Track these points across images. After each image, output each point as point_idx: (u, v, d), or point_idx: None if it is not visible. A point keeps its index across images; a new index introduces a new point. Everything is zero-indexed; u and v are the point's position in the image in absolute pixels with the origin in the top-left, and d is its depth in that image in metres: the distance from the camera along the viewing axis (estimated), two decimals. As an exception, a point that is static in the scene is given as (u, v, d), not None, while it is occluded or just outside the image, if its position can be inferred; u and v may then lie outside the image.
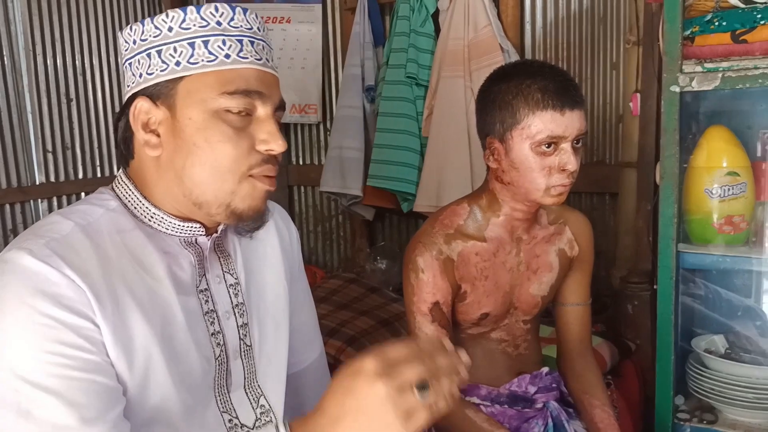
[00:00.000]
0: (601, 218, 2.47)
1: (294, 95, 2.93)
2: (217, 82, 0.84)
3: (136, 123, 0.86)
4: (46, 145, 2.65)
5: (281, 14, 2.90)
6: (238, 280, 0.96)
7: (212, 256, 0.93)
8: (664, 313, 1.65)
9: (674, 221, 1.62)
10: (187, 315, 0.87)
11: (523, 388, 1.37)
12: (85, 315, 0.76)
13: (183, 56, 0.84)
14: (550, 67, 1.22)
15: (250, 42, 0.86)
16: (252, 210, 0.87)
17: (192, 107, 0.84)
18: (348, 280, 2.56)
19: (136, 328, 0.81)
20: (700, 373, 1.74)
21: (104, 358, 0.78)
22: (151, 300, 0.83)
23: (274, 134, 0.86)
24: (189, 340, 0.86)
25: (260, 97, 0.85)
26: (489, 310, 1.32)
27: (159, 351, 0.82)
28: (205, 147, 0.83)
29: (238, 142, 0.84)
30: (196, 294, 0.90)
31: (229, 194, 0.85)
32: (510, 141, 1.20)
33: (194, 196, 0.85)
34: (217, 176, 0.84)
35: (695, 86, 1.56)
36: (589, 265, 1.43)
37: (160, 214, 0.88)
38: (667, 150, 1.60)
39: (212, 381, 0.90)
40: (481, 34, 2.32)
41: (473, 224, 1.30)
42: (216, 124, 0.83)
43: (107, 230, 0.84)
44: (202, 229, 0.89)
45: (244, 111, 0.85)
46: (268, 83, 0.87)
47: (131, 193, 0.88)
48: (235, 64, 0.84)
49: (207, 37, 0.84)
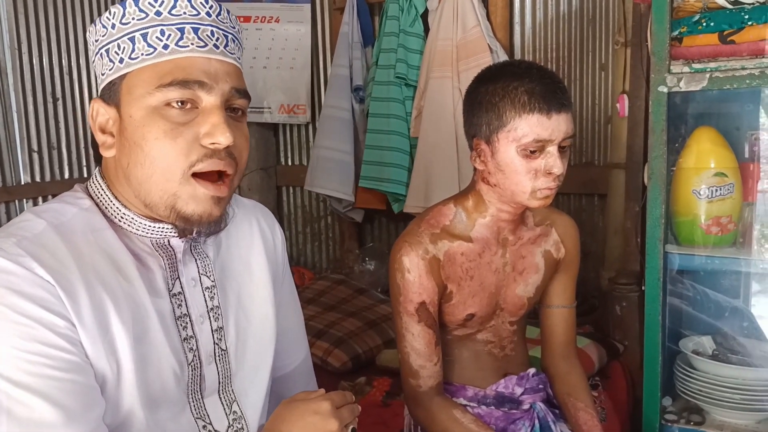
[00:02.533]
0: (590, 219, 2.47)
1: (283, 95, 2.91)
2: (154, 76, 0.80)
3: (94, 126, 0.85)
4: (31, 144, 2.62)
5: (270, 14, 2.88)
6: (214, 283, 0.93)
7: (188, 259, 0.90)
8: (651, 315, 1.65)
9: (662, 222, 1.62)
10: (161, 318, 0.85)
11: (509, 389, 1.36)
12: (60, 314, 0.75)
13: (125, 52, 0.82)
14: (538, 69, 1.20)
15: (193, 29, 0.82)
16: (200, 216, 0.82)
17: (132, 104, 0.81)
18: (336, 281, 2.55)
19: (112, 327, 0.79)
20: (687, 375, 1.74)
21: (83, 358, 0.76)
22: (125, 300, 0.82)
23: (217, 125, 0.80)
24: (163, 343, 0.85)
25: (203, 86, 0.81)
26: (475, 311, 1.31)
27: (130, 353, 0.80)
28: (143, 145, 0.80)
29: (176, 137, 0.80)
30: (169, 297, 0.87)
31: (172, 196, 0.81)
32: (496, 143, 1.19)
33: (142, 196, 0.83)
34: (157, 176, 0.81)
35: (683, 87, 1.56)
36: (575, 268, 1.42)
37: (130, 215, 0.85)
38: (654, 151, 1.60)
39: (186, 386, 0.88)
40: (469, 35, 2.31)
41: (459, 224, 1.29)
42: (154, 120, 0.80)
43: (81, 229, 0.82)
44: (174, 230, 0.86)
45: (186, 103, 0.81)
46: (215, 72, 0.82)
47: (103, 192, 0.86)
48: (173, 54, 0.80)
49: (145, 30, 0.81)
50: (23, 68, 2.57)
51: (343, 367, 2.03)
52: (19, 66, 2.55)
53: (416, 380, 1.28)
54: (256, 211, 1.07)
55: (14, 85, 2.55)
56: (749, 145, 1.77)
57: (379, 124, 2.56)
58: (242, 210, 1.03)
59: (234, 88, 0.84)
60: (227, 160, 0.82)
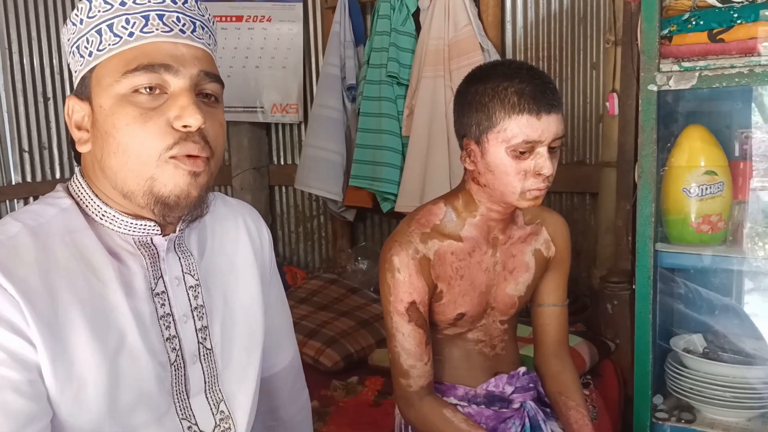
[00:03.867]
0: (582, 218, 2.47)
1: (275, 95, 2.90)
2: (120, 63, 0.79)
3: (71, 123, 0.85)
4: (22, 144, 2.62)
5: (262, 13, 2.88)
6: (198, 281, 0.92)
7: (171, 257, 0.89)
8: (642, 313, 1.65)
9: (652, 220, 1.62)
10: (138, 320, 0.83)
11: (500, 388, 1.36)
12: (14, 328, 0.73)
13: (93, 45, 0.81)
14: (528, 69, 1.20)
15: (158, 16, 0.81)
16: (177, 196, 0.80)
17: (101, 95, 0.80)
18: (329, 280, 2.55)
19: (77, 338, 0.77)
20: (678, 373, 1.74)
21: (28, 376, 0.74)
22: (97, 305, 0.80)
23: (186, 108, 0.79)
24: (140, 346, 0.83)
25: (169, 70, 0.80)
26: (465, 310, 1.31)
27: (103, 361, 0.79)
28: (114, 133, 0.79)
29: (146, 122, 0.78)
30: (151, 297, 0.86)
31: (149, 180, 0.79)
32: (486, 144, 1.19)
33: (119, 186, 0.82)
34: (131, 162, 0.79)
35: (672, 85, 1.56)
36: (566, 266, 1.42)
37: (111, 212, 0.84)
38: (644, 149, 1.61)
39: (170, 387, 0.87)
40: (461, 34, 2.31)
41: (450, 224, 1.29)
42: (123, 107, 0.79)
43: (59, 231, 0.81)
44: (156, 227, 0.85)
45: (155, 89, 0.80)
46: (181, 56, 0.81)
47: (83, 191, 0.85)
48: (138, 41, 0.80)
49: (111, 20, 0.80)
50: (14, 68, 2.56)
51: (335, 367, 2.03)
52: (9, 66, 2.55)
53: (407, 380, 1.28)
54: (242, 211, 1.05)
55: (4, 85, 2.55)
56: (739, 143, 1.77)
57: (371, 123, 2.56)
58: (228, 209, 1.02)
59: (203, 71, 0.83)
60: (201, 143, 0.81)
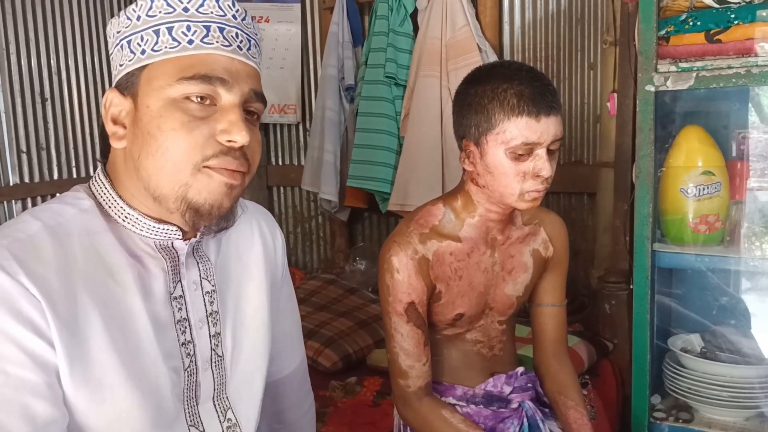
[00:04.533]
0: (579, 218, 2.47)
1: (273, 95, 2.90)
2: (176, 68, 0.79)
3: (107, 116, 0.84)
4: (20, 145, 2.60)
5: (260, 13, 2.88)
6: (215, 287, 0.91)
7: (190, 261, 0.88)
8: (639, 313, 1.66)
9: (649, 221, 1.62)
10: (155, 324, 0.83)
11: (498, 388, 1.36)
12: (36, 329, 0.72)
13: (148, 44, 0.81)
14: (528, 71, 1.20)
15: (219, 28, 0.82)
16: (210, 204, 0.81)
17: (150, 95, 0.80)
18: (327, 281, 2.55)
19: (95, 340, 0.77)
20: (676, 372, 1.75)
21: (46, 379, 0.73)
22: (115, 308, 0.80)
23: (235, 124, 0.80)
24: (156, 351, 0.83)
25: (224, 84, 0.80)
26: (464, 311, 1.31)
27: (119, 364, 0.79)
28: (157, 135, 0.79)
29: (192, 130, 0.78)
30: (170, 301, 0.86)
31: (184, 186, 0.79)
32: (485, 145, 1.19)
33: (151, 189, 0.81)
34: (169, 166, 0.79)
35: (670, 86, 1.57)
36: (564, 266, 1.42)
37: (135, 215, 0.83)
38: (642, 149, 1.61)
39: (181, 393, 0.87)
40: (458, 34, 2.32)
41: (448, 224, 1.29)
42: (171, 111, 0.79)
43: (77, 232, 0.80)
44: (178, 232, 0.85)
45: (206, 99, 0.80)
46: (236, 71, 0.82)
47: (107, 191, 0.85)
48: (198, 50, 0.80)
49: (172, 24, 0.81)
50: (11, 68, 2.55)
51: (334, 367, 2.03)
52: (7, 66, 2.54)
53: (405, 380, 1.28)
54: (257, 214, 1.05)
55: (2, 86, 2.53)
56: (736, 143, 1.78)
57: (369, 123, 2.56)
58: (243, 212, 1.02)
59: (253, 90, 0.84)
60: (241, 160, 0.81)
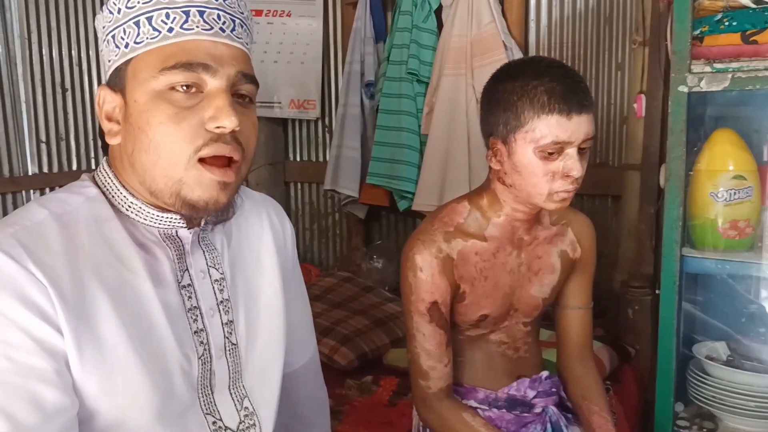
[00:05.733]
0: (603, 221, 2.44)
1: (293, 90, 2.89)
2: (158, 59, 0.78)
3: (101, 113, 0.83)
4: (39, 135, 2.61)
5: (281, 8, 2.86)
6: (224, 275, 0.91)
7: (196, 250, 0.88)
8: (666, 319, 1.62)
9: (679, 225, 1.59)
10: (167, 310, 0.82)
11: (522, 392, 1.33)
12: (43, 314, 0.71)
13: (131, 37, 0.79)
14: (559, 67, 1.17)
15: (198, 12, 0.79)
16: (206, 202, 0.79)
17: (136, 89, 0.79)
18: (343, 278, 2.53)
19: (105, 325, 0.76)
20: (700, 380, 1.71)
21: (55, 365, 0.72)
22: (126, 294, 0.79)
23: (222, 109, 0.77)
24: (169, 336, 0.82)
25: (207, 70, 0.78)
26: (488, 312, 1.29)
27: (131, 348, 0.78)
28: (147, 130, 0.77)
29: (180, 122, 0.77)
30: (178, 290, 0.85)
31: (177, 182, 0.79)
32: (513, 143, 1.16)
33: (147, 183, 0.81)
34: (162, 161, 0.78)
35: (704, 87, 1.53)
36: (591, 268, 1.39)
37: (138, 204, 0.83)
38: (673, 152, 1.57)
39: (195, 381, 0.85)
40: (484, 31, 2.29)
41: (474, 223, 1.26)
42: (158, 104, 0.77)
43: (84, 219, 0.80)
44: (182, 221, 0.84)
45: (191, 87, 0.78)
46: (220, 55, 0.79)
47: (110, 181, 0.84)
48: (178, 37, 0.78)
49: (150, 13, 0.79)
50: (32, 59, 2.55)
51: (350, 366, 2.01)
52: (28, 56, 2.54)
53: (426, 381, 1.25)
54: (266, 205, 1.04)
55: (23, 76, 2.54)
56: (769, 147, 1.74)
57: (390, 121, 2.53)
58: (252, 203, 1.01)
59: (240, 72, 0.81)
60: (233, 144, 0.80)
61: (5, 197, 2.50)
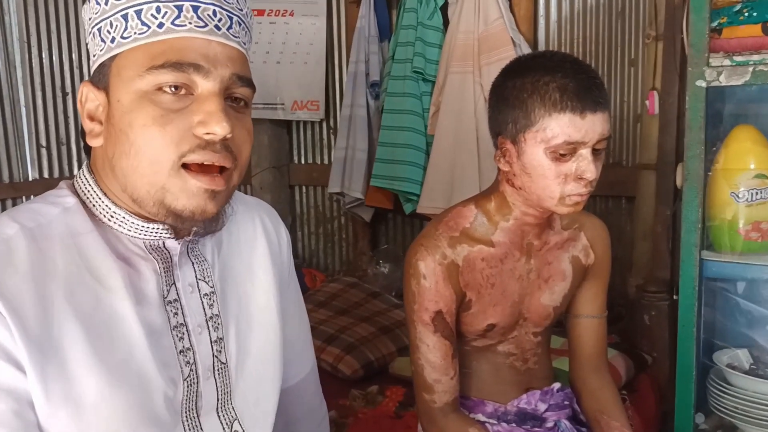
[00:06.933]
0: (617, 223, 2.37)
1: (296, 91, 2.83)
2: (145, 57, 0.71)
3: (83, 112, 0.77)
4: (39, 140, 2.57)
5: (284, 7, 2.80)
6: (213, 288, 0.84)
7: (184, 262, 0.81)
8: (685, 326, 1.55)
9: (698, 227, 1.52)
10: (148, 331, 0.76)
11: (532, 405, 1.27)
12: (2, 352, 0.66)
13: (117, 31, 0.73)
14: (572, 62, 1.09)
15: (192, 7, 0.72)
16: (190, 211, 0.73)
17: (120, 88, 0.73)
18: (349, 284, 2.47)
19: (75, 356, 0.70)
20: (722, 390, 1.65)
21: (13, 406, 0.66)
22: (101, 318, 0.73)
23: (213, 114, 0.71)
24: (149, 359, 0.75)
25: (199, 70, 0.72)
26: (496, 321, 1.22)
27: (104, 380, 0.71)
28: (129, 133, 0.71)
29: (165, 125, 0.71)
30: (164, 306, 0.78)
31: (161, 190, 0.72)
32: (523, 143, 1.09)
33: (129, 191, 0.74)
34: (144, 167, 0.71)
35: (723, 81, 1.46)
36: (606, 275, 1.32)
37: (121, 214, 0.76)
38: (691, 150, 1.50)
39: (179, 405, 0.79)
40: (491, 28, 2.22)
41: (480, 228, 1.20)
42: (142, 105, 0.71)
43: (59, 233, 0.73)
44: (169, 231, 0.78)
45: (181, 88, 0.72)
46: (214, 55, 0.73)
47: (90, 188, 0.78)
48: (169, 34, 0.72)
49: (140, 6, 0.72)
50: (32, 62, 2.52)
51: (355, 375, 1.95)
52: (28, 60, 2.51)
53: (430, 395, 1.19)
54: (259, 210, 0.98)
55: (23, 80, 2.51)
56: (792, 145, 1.66)
57: (394, 121, 2.47)
58: (245, 208, 0.95)
59: (235, 75, 0.75)
60: (223, 153, 0.73)
61: (5, 203, 2.47)
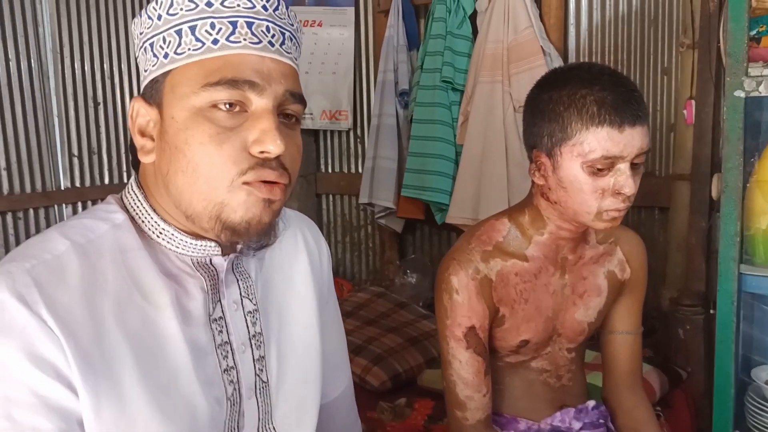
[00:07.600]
0: (650, 234, 2.33)
1: (324, 101, 2.84)
2: (201, 73, 0.71)
3: (133, 127, 0.76)
4: (72, 149, 2.61)
5: (312, 17, 2.81)
6: (257, 306, 0.83)
7: (230, 279, 0.81)
8: (723, 342, 1.50)
9: (737, 240, 1.47)
10: (194, 350, 0.75)
11: (566, 423, 1.24)
12: (54, 371, 0.65)
13: (171, 47, 0.72)
14: (610, 75, 1.07)
15: (247, 23, 0.72)
16: (247, 222, 0.72)
17: (174, 105, 0.72)
18: (376, 294, 2.46)
19: (125, 377, 0.70)
20: (761, 408, 1.59)
21: (62, 425, 0.65)
22: (148, 337, 0.72)
23: (268, 132, 0.70)
24: (194, 380, 0.75)
25: (254, 88, 0.71)
26: (529, 337, 1.20)
27: (151, 399, 0.71)
28: (185, 150, 0.70)
29: (222, 143, 0.70)
30: (209, 324, 0.78)
31: (219, 205, 0.71)
32: (558, 157, 1.07)
33: (183, 207, 0.73)
34: (201, 184, 0.71)
35: (763, 91, 1.42)
36: (642, 290, 1.29)
37: (170, 230, 0.76)
38: (729, 161, 1.46)
39: (223, 424, 0.78)
40: (521, 37, 2.20)
41: (514, 242, 1.17)
42: (198, 123, 0.70)
43: (110, 250, 0.73)
44: (217, 248, 0.77)
45: (235, 105, 0.71)
46: (268, 72, 0.72)
47: (140, 204, 0.77)
48: (223, 50, 0.71)
49: (194, 22, 0.72)
50: (65, 72, 2.56)
51: (383, 387, 1.93)
52: (61, 70, 2.54)
53: (463, 412, 1.17)
54: (300, 223, 0.97)
55: (56, 90, 2.54)
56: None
57: (424, 131, 2.46)
58: (286, 222, 0.94)
59: (288, 91, 0.74)
60: (279, 171, 0.72)
61: (38, 212, 2.51)
